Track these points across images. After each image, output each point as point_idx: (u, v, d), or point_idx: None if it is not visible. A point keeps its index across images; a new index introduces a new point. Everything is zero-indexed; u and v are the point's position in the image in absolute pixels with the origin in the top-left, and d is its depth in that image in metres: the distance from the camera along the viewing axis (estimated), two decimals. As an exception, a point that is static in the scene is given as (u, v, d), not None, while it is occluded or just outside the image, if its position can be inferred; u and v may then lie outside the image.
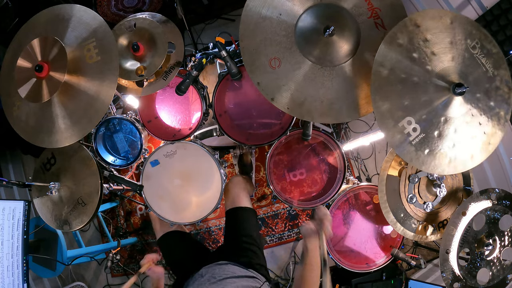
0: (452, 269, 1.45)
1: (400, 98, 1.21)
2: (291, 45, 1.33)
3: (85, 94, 1.36)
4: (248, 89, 1.73)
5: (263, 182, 2.52)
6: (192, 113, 1.83)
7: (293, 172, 1.82)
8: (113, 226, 2.62)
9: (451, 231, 1.46)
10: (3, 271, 1.59)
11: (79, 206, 1.51)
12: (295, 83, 1.33)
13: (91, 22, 1.38)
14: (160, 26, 1.57)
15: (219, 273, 1.32)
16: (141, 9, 2.29)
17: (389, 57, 1.21)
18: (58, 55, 1.37)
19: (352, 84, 1.33)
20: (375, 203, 1.84)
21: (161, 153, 1.76)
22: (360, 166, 2.53)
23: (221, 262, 1.44)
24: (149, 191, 1.78)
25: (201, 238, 2.57)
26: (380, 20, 1.33)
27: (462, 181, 1.65)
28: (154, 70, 1.54)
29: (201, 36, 2.73)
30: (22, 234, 1.67)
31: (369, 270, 1.82)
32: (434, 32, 1.23)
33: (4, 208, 1.63)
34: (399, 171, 1.59)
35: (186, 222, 1.77)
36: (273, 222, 2.52)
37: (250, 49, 1.33)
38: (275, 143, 1.71)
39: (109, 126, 1.88)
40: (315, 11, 1.33)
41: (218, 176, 1.75)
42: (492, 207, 1.49)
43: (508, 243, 1.52)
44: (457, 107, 1.22)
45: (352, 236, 1.85)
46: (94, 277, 2.60)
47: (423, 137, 1.22)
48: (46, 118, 1.39)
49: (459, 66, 1.23)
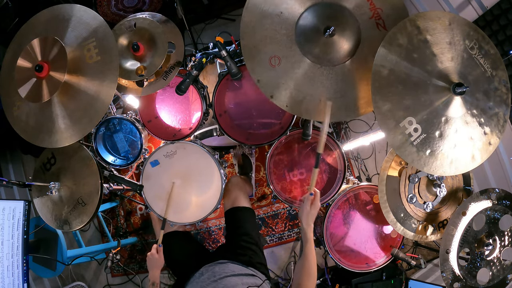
0: (452, 269, 1.45)
1: (401, 98, 1.21)
2: (291, 43, 1.32)
3: (85, 94, 1.36)
4: (248, 89, 1.73)
5: (263, 182, 2.52)
6: (192, 113, 1.83)
7: (293, 172, 1.82)
8: (113, 226, 2.62)
9: (451, 231, 1.45)
10: (3, 271, 1.59)
11: (79, 206, 1.51)
12: (294, 81, 1.33)
13: (91, 22, 1.38)
14: (160, 26, 1.57)
15: (219, 272, 1.33)
16: (141, 9, 2.29)
17: (389, 58, 1.21)
18: (58, 55, 1.37)
19: (351, 84, 1.33)
20: (375, 203, 1.84)
21: (161, 153, 1.76)
22: (360, 166, 2.53)
23: (221, 261, 1.44)
24: (149, 191, 1.78)
25: (201, 238, 2.57)
26: (381, 21, 1.33)
27: (462, 181, 1.65)
28: (154, 70, 1.54)
29: (201, 36, 2.73)
30: (22, 234, 1.67)
31: (369, 270, 1.82)
32: (433, 33, 1.23)
33: (4, 208, 1.63)
34: (399, 171, 1.59)
35: (186, 222, 1.77)
36: (273, 222, 2.52)
37: (250, 47, 1.33)
38: (275, 143, 1.71)
39: (109, 126, 1.88)
40: (316, 10, 1.33)
41: (218, 176, 1.75)
42: (492, 207, 1.49)
43: (508, 243, 1.52)
44: (457, 107, 1.23)
45: (352, 236, 1.85)
46: (94, 277, 2.60)
47: (424, 137, 1.22)
48: (46, 118, 1.39)
49: (458, 66, 1.24)
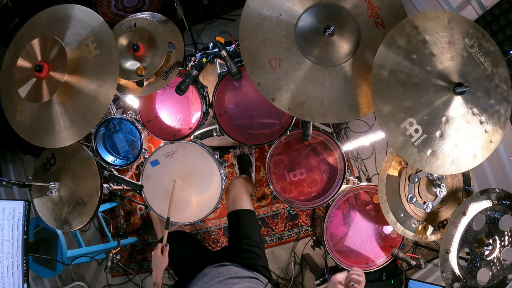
0: (452, 269, 1.45)
1: (401, 100, 1.21)
2: (291, 45, 1.32)
3: (85, 94, 1.36)
4: (248, 89, 1.73)
5: (263, 182, 2.52)
6: (192, 113, 1.83)
7: (293, 172, 1.82)
8: (113, 226, 2.62)
9: (451, 231, 1.45)
10: (3, 271, 1.59)
11: (79, 206, 1.51)
12: (295, 83, 1.32)
13: (91, 22, 1.38)
14: (160, 26, 1.57)
15: (223, 273, 1.33)
16: (141, 9, 2.29)
17: (389, 60, 1.21)
18: (58, 55, 1.37)
19: (352, 84, 1.33)
20: (375, 203, 1.83)
21: (161, 153, 1.76)
22: (360, 166, 2.53)
23: (224, 263, 1.45)
24: (149, 191, 1.78)
25: (201, 238, 2.57)
26: (380, 20, 1.33)
27: (462, 181, 1.65)
28: (154, 70, 1.54)
29: (201, 36, 2.73)
30: (22, 234, 1.66)
31: (369, 270, 1.82)
32: (432, 32, 1.23)
33: (4, 208, 1.63)
34: (399, 171, 1.58)
35: (186, 222, 1.77)
36: (273, 222, 2.52)
37: (250, 50, 1.33)
38: (275, 143, 1.71)
39: (109, 126, 1.87)
40: (315, 11, 1.33)
41: (218, 176, 1.75)
42: (492, 207, 1.49)
43: (508, 243, 1.52)
44: (457, 106, 1.22)
45: (352, 236, 1.84)
46: (94, 277, 2.60)
47: (425, 138, 1.22)
48: (46, 118, 1.39)
49: (458, 65, 1.23)
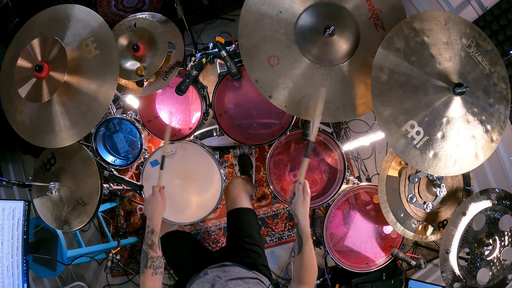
0: (452, 269, 1.45)
1: (401, 103, 1.21)
2: (290, 43, 1.32)
3: (85, 94, 1.36)
4: (248, 89, 1.73)
5: (263, 182, 2.52)
6: (192, 113, 1.83)
7: (293, 172, 1.82)
8: (113, 226, 2.61)
9: (451, 231, 1.45)
10: (3, 271, 1.59)
11: (79, 206, 1.51)
12: (293, 81, 1.32)
13: (91, 22, 1.38)
14: (160, 26, 1.57)
15: (225, 274, 1.33)
16: (141, 9, 2.28)
17: (388, 62, 1.21)
18: (58, 55, 1.37)
19: (350, 84, 1.33)
20: (375, 203, 1.83)
21: (161, 153, 1.76)
22: (360, 166, 2.53)
23: (225, 263, 1.44)
24: (149, 191, 1.77)
25: (201, 238, 2.57)
26: (380, 22, 1.33)
27: (462, 181, 1.65)
28: (154, 70, 1.54)
29: (201, 36, 2.73)
30: (22, 234, 1.66)
31: (369, 270, 1.82)
32: (430, 34, 1.23)
33: (4, 208, 1.62)
34: (399, 171, 1.58)
35: (186, 222, 1.77)
36: (273, 222, 2.52)
37: (249, 46, 1.33)
38: (275, 143, 1.71)
39: (109, 126, 1.87)
40: (316, 10, 1.33)
41: (218, 176, 1.75)
42: (492, 207, 1.49)
43: (508, 243, 1.52)
44: (457, 107, 1.23)
45: (352, 236, 1.84)
46: (94, 277, 2.60)
47: (427, 139, 1.22)
48: (46, 118, 1.39)
49: (457, 66, 1.24)
